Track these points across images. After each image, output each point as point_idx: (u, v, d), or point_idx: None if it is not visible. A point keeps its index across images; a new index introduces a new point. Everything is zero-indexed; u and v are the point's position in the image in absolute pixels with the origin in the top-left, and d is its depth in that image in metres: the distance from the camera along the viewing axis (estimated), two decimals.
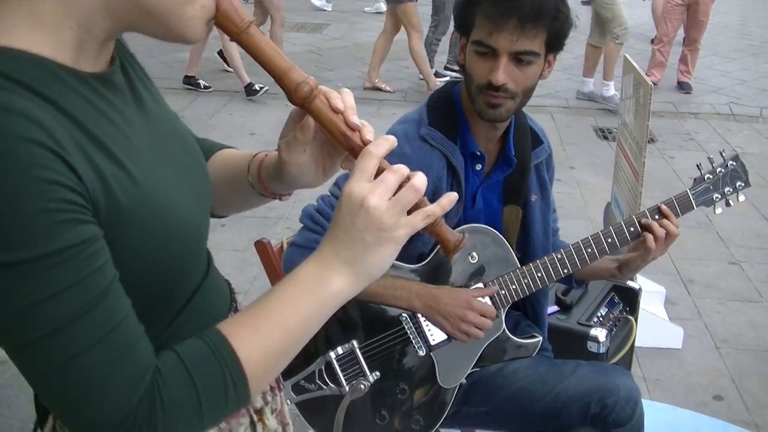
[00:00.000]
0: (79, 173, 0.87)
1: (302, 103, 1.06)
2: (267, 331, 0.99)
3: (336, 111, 1.06)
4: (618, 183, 3.95)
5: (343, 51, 9.67)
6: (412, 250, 2.14)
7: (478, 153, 2.16)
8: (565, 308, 2.90)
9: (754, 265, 4.72)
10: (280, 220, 5.01)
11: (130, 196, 0.95)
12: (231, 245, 4.61)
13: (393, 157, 1.02)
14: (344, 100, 1.07)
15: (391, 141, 1.03)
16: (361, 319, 2.11)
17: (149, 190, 0.98)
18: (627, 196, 3.66)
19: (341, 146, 1.08)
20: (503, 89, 2.01)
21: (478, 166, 2.17)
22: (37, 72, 0.90)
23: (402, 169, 1.01)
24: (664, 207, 2.17)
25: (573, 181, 5.85)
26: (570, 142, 6.78)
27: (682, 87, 8.23)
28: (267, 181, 1.24)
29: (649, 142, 6.61)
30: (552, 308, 2.92)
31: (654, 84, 8.21)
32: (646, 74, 7.95)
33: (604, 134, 7.00)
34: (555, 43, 2.06)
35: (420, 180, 1.01)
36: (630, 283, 3.09)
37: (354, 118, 1.06)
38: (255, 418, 1.27)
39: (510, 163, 2.20)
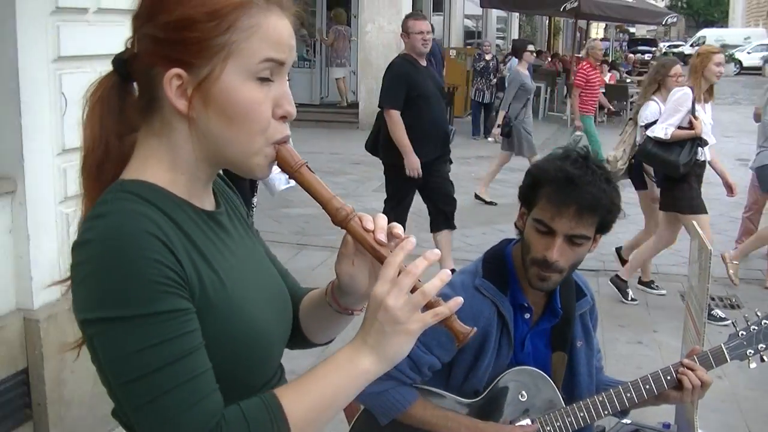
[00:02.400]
0: (183, 266, 1.23)
1: (340, 223, 1.36)
2: (308, 394, 1.29)
3: (366, 230, 1.35)
4: (686, 343, 4.12)
5: None
6: (467, 387, 2.44)
7: (526, 305, 2.47)
8: None
9: None
10: None
11: (218, 294, 1.29)
12: None
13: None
14: (375, 222, 1.36)
15: (408, 248, 1.30)
16: None
17: (233, 295, 1.32)
18: None
19: (374, 258, 1.36)
20: (554, 266, 2.30)
21: (527, 315, 2.48)
22: (160, 196, 1.28)
23: (415, 271, 1.26)
24: (696, 356, 2.45)
25: (654, 344, 5.96)
26: (655, 307, 6.91)
27: None
28: (338, 296, 1.53)
29: (733, 307, 6.83)
30: None
31: None
32: (736, 242, 8.14)
33: None
34: (604, 228, 2.37)
35: (430, 286, 1.26)
36: None
37: (380, 235, 1.34)
38: None
39: (556, 314, 2.49)
